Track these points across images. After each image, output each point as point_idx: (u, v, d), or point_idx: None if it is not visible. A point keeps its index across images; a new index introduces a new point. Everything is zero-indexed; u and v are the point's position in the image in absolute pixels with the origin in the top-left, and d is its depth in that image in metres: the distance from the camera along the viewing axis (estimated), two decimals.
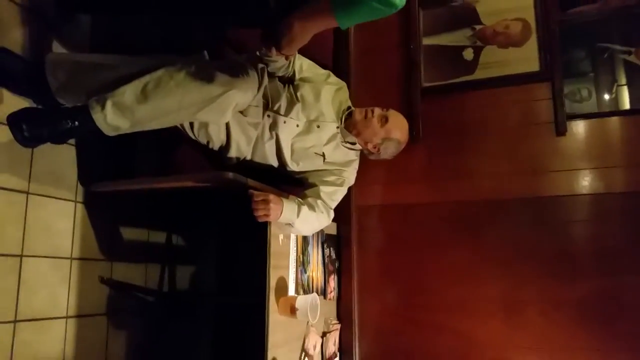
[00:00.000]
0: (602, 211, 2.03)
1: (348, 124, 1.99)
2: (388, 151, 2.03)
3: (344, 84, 2.13)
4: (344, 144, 1.99)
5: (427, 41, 2.40)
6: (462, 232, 2.18)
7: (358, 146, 2.02)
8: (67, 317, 1.81)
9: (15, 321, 1.62)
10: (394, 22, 2.45)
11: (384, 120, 1.96)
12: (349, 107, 2.05)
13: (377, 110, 1.97)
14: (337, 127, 1.97)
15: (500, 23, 2.29)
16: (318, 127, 1.93)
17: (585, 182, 2.07)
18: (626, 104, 2.11)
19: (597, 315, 1.95)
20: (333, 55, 2.46)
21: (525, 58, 2.22)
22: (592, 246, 2.01)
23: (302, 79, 1.99)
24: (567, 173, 2.09)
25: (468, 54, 2.32)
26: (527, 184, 2.13)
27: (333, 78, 2.10)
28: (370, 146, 2.00)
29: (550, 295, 2.02)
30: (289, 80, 1.99)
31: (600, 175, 2.05)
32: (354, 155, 2.04)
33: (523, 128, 2.18)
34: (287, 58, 1.81)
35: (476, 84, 2.27)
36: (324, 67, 2.29)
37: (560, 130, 2.10)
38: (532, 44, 2.23)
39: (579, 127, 2.12)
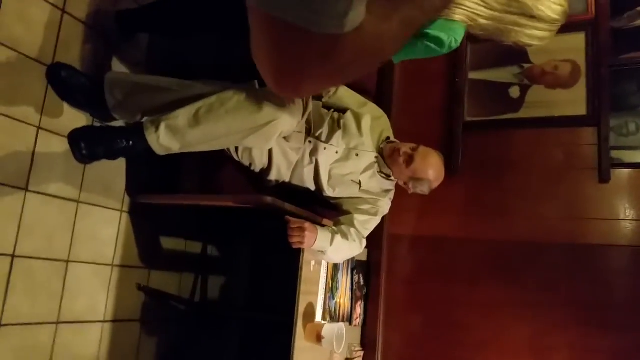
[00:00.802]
0: None
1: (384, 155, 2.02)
2: (419, 188, 1.97)
3: (383, 113, 2.15)
4: (380, 173, 2.01)
5: (473, 75, 2.40)
6: (495, 270, 2.17)
7: (393, 178, 2.04)
8: (103, 322, 1.89)
9: (57, 322, 1.71)
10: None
11: (410, 159, 1.90)
12: (387, 138, 2.07)
13: (405, 149, 1.92)
14: (375, 157, 2.00)
15: (550, 63, 2.28)
16: (357, 155, 1.96)
17: (627, 233, 2.03)
18: None
19: None
20: (377, 81, 2.50)
21: (573, 101, 2.20)
22: (629, 298, 1.97)
23: (345, 107, 2.03)
24: (608, 222, 2.05)
25: (514, 92, 2.31)
26: (566, 229, 2.10)
27: (373, 107, 2.13)
28: (401, 182, 2.01)
29: (580, 343, 1.98)
30: (333, 107, 2.03)
31: None
32: (389, 186, 2.05)
33: (565, 171, 2.16)
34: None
35: (521, 122, 2.26)
36: (367, 92, 2.34)
37: (604, 177, 2.07)
38: (580, 87, 2.20)
39: (624, 176, 2.08)
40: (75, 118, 1.74)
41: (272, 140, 1.68)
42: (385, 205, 2.04)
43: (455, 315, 2.19)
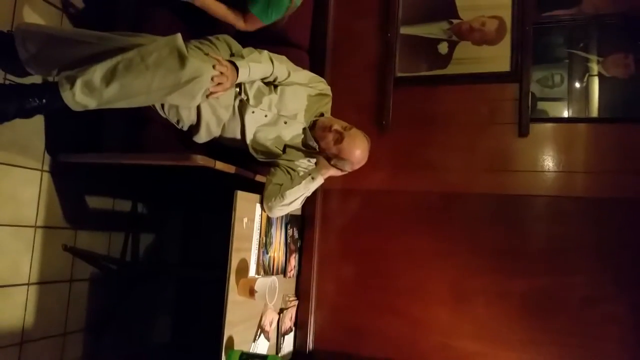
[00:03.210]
0: (558, 213, 2.12)
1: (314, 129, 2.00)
2: (342, 165, 1.98)
3: (328, 93, 2.11)
4: (305, 145, 2.01)
5: (404, 30, 2.41)
6: (421, 221, 2.27)
7: (316, 150, 2.01)
8: (28, 284, 1.84)
9: None
10: (374, 7, 2.45)
11: (339, 139, 1.90)
12: (322, 114, 2.05)
13: (337, 126, 1.91)
14: (303, 129, 1.99)
15: (477, 19, 2.32)
16: (285, 123, 1.95)
17: (544, 183, 2.15)
18: (596, 95, 2.15)
19: (534, 311, 2.07)
20: (311, 35, 2.46)
21: (498, 57, 2.26)
22: (544, 246, 2.11)
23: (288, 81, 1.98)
24: (526, 174, 2.17)
25: (443, 48, 2.34)
26: (487, 180, 2.21)
27: (318, 84, 2.07)
28: (328, 153, 1.99)
29: (496, 288, 2.13)
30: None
31: (559, 179, 2.13)
32: (312, 156, 2.04)
33: (488, 126, 2.25)
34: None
35: (448, 78, 2.31)
36: (301, 48, 2.32)
37: (523, 131, 2.17)
38: (505, 44, 2.26)
39: (542, 130, 2.18)
40: None
41: (197, 97, 1.62)
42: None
43: (383, 265, 2.29)
